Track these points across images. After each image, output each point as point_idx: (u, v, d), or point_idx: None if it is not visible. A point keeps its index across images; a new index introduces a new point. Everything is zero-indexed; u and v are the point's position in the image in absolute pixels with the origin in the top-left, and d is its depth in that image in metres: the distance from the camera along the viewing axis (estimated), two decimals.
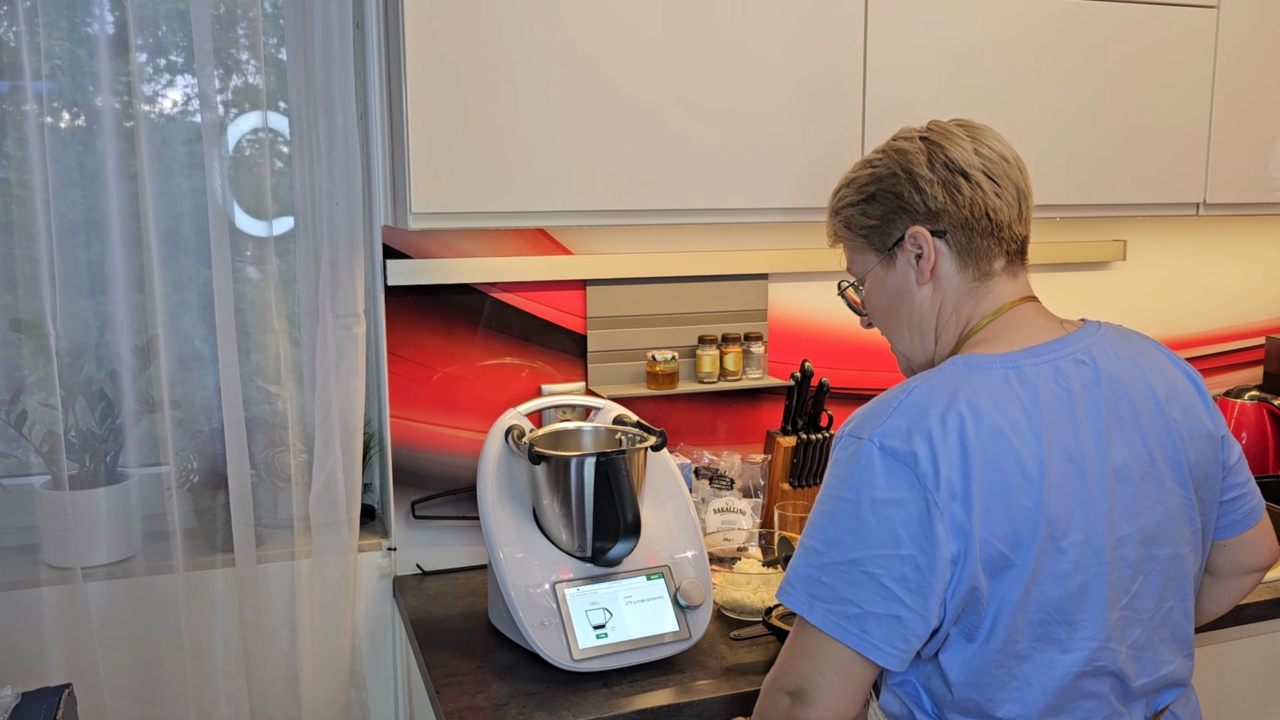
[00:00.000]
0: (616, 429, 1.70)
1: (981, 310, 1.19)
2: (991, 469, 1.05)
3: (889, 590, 1.05)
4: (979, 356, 1.13)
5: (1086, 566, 1.09)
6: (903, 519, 1.04)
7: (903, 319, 1.24)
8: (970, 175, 1.16)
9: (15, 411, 1.69)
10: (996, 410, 1.07)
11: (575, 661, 1.49)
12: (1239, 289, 2.52)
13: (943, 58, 1.80)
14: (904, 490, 1.04)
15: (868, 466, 1.06)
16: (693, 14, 1.64)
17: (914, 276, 1.20)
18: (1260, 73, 2.03)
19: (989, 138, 1.20)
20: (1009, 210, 1.17)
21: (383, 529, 1.94)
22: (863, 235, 1.24)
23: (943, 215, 1.17)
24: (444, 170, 1.54)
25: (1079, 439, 1.10)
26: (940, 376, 1.11)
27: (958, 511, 1.04)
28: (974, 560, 1.05)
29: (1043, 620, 1.09)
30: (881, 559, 1.05)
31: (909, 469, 1.04)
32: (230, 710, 1.81)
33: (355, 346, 1.78)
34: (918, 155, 1.18)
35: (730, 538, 1.90)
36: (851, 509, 1.07)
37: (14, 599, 1.67)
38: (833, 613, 1.07)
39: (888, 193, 1.20)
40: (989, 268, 1.18)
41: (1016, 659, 1.09)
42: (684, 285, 2.03)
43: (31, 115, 1.60)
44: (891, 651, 1.06)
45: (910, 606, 1.05)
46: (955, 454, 1.05)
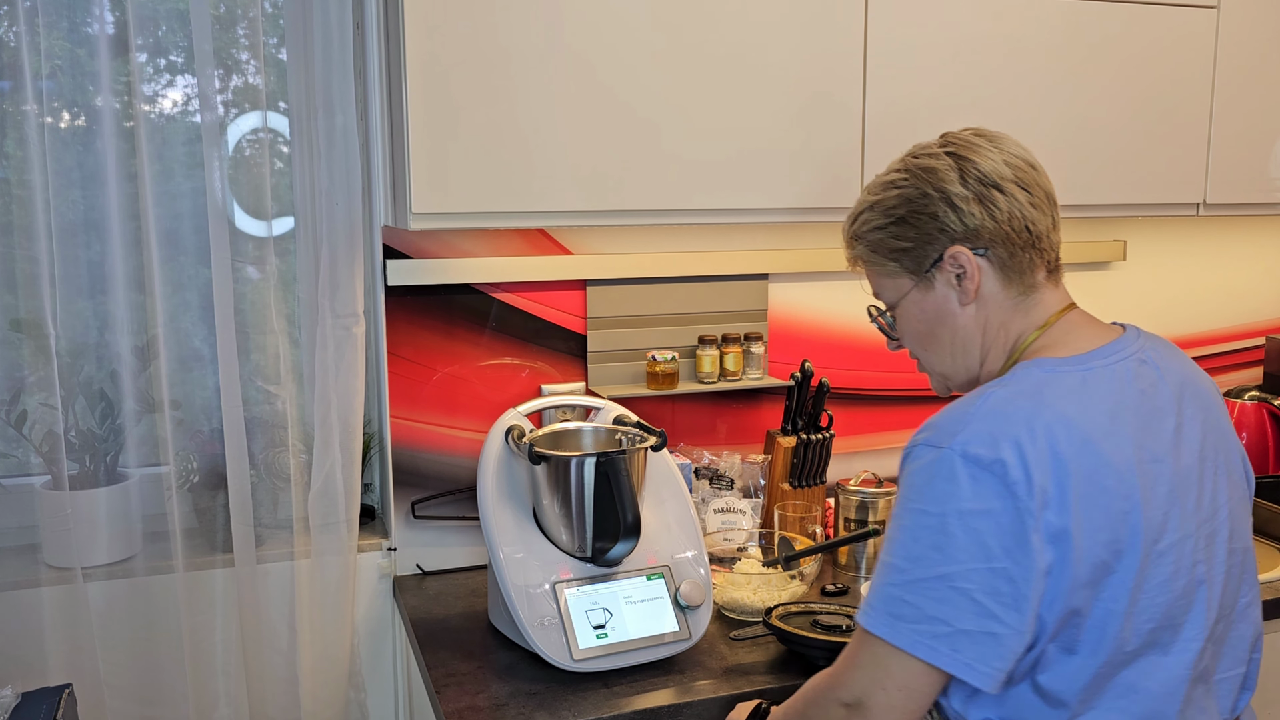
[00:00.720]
0: (616, 429, 1.70)
1: (1031, 323, 1.16)
2: (1085, 474, 1.02)
3: (982, 606, 1.00)
4: (1049, 360, 1.10)
5: (1185, 568, 1.07)
6: (993, 530, 1.00)
7: (944, 341, 1.19)
8: (1004, 187, 1.12)
9: (15, 411, 1.69)
10: (1081, 413, 1.05)
11: (575, 661, 1.49)
12: (1239, 289, 2.52)
13: (942, 58, 1.80)
14: (992, 500, 1.00)
15: (951, 477, 1.01)
16: (693, 14, 1.64)
17: (956, 297, 1.16)
18: (1260, 73, 2.03)
19: (1011, 145, 1.16)
20: (1044, 220, 1.15)
21: (383, 529, 1.94)
22: (894, 259, 1.18)
23: (982, 232, 1.13)
24: (444, 170, 1.54)
25: (1159, 438, 1.08)
26: (1018, 382, 1.07)
27: (1052, 520, 1.00)
28: (1071, 569, 1.01)
29: (1151, 627, 1.06)
30: (972, 573, 1.00)
31: (997, 478, 1.00)
32: (230, 710, 1.81)
33: (355, 346, 1.78)
34: (948, 172, 1.13)
35: (730, 538, 1.90)
36: (936, 522, 1.02)
37: (14, 599, 1.67)
38: (919, 632, 1.02)
39: (920, 214, 1.15)
40: (1032, 280, 1.16)
41: (1120, 667, 1.06)
42: (684, 285, 2.03)
43: (31, 115, 1.60)
44: (987, 671, 1.01)
45: (1005, 622, 1.00)
46: (1047, 460, 1.01)
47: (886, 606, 1.04)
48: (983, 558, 1.00)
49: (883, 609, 1.05)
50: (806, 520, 1.87)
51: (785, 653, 1.57)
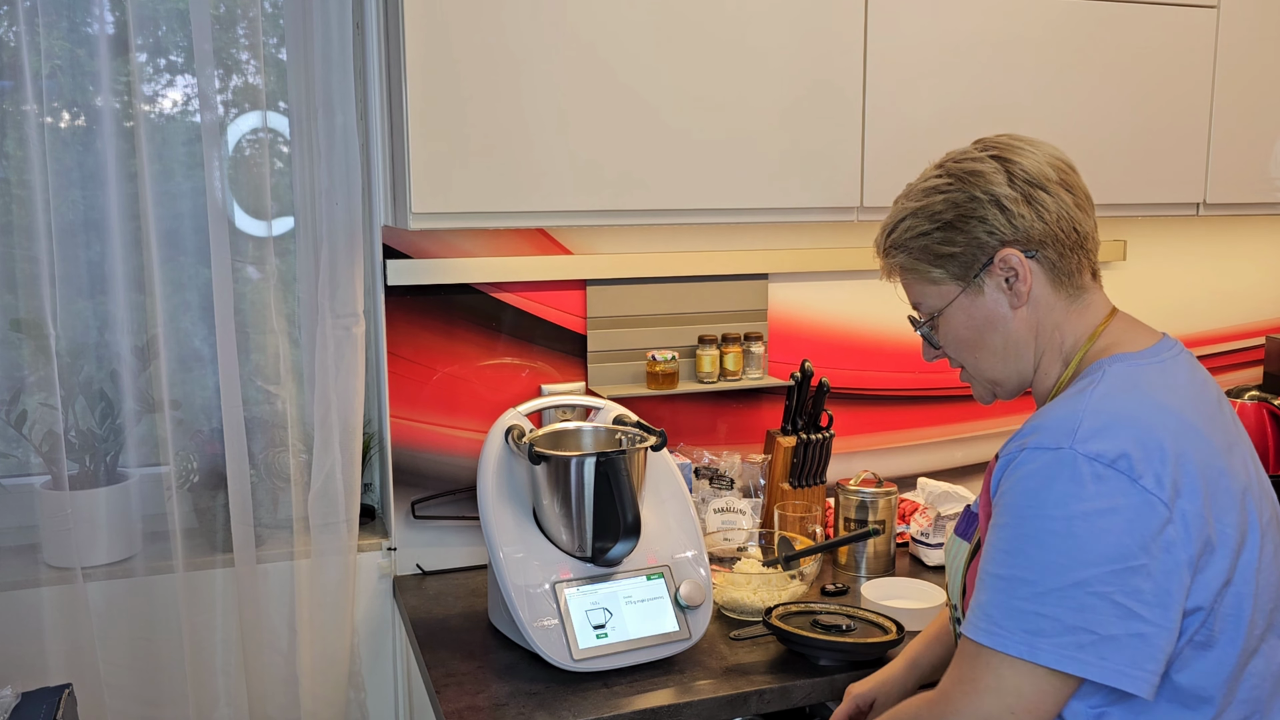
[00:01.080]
0: (616, 429, 1.70)
1: (1087, 324, 1.15)
2: (1202, 459, 1.01)
3: (1125, 608, 0.96)
4: (1127, 355, 1.09)
5: (1277, 546, 1.07)
6: (1125, 528, 0.96)
7: (994, 347, 1.16)
8: (1050, 188, 1.12)
9: (15, 411, 1.69)
10: (1178, 402, 1.05)
11: (575, 661, 1.49)
12: (1239, 289, 2.51)
13: (942, 57, 1.79)
14: (1119, 497, 0.97)
15: (1075, 478, 0.97)
16: (692, 15, 1.64)
17: (1008, 301, 1.14)
18: (1260, 73, 2.03)
19: (1048, 147, 1.15)
20: (1088, 221, 1.14)
21: (383, 529, 1.94)
22: (940, 265, 1.15)
23: (1032, 233, 1.11)
24: (444, 170, 1.54)
25: (1225, 426, 1.10)
26: (1111, 378, 1.06)
27: (1187, 508, 0.98)
28: (1216, 555, 0.99)
29: (1271, 607, 1.05)
30: (1110, 575, 0.96)
31: (1123, 474, 0.97)
32: (230, 710, 1.81)
33: (355, 346, 1.78)
34: (995, 174, 1.12)
35: (730, 538, 1.90)
36: (1063, 527, 0.97)
37: (14, 599, 1.67)
38: (1063, 645, 0.97)
39: (969, 218, 1.12)
40: (1081, 281, 1.15)
41: (1252, 655, 1.04)
42: (684, 285, 2.03)
43: (31, 115, 1.60)
44: (1140, 675, 0.97)
45: (1151, 621, 0.97)
46: (1167, 450, 0.99)
47: (1020, 623, 0.98)
48: (1118, 558, 0.96)
49: (1015, 626, 0.98)
50: (806, 520, 1.87)
51: (785, 653, 1.57)
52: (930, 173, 1.19)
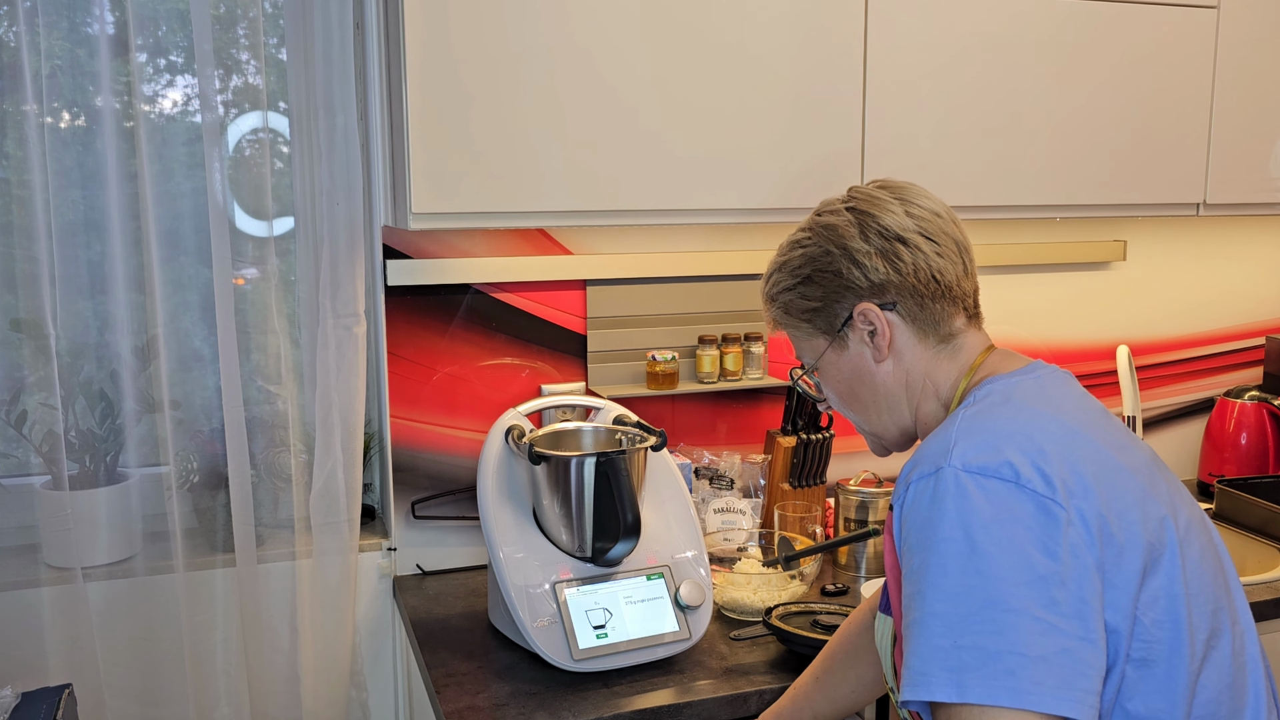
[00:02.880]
0: (616, 429, 1.70)
1: (959, 366, 1.12)
2: (1090, 459, 0.96)
3: (1044, 621, 0.86)
4: (997, 377, 1.07)
5: (1203, 546, 1.02)
6: (1023, 534, 0.89)
7: (867, 400, 1.15)
8: (908, 240, 1.09)
9: (15, 411, 1.69)
10: (1056, 409, 1.02)
11: (575, 661, 1.49)
12: (1239, 289, 2.52)
13: (942, 58, 1.80)
14: (1012, 504, 0.90)
15: (961, 494, 0.91)
16: (693, 17, 1.64)
17: (870, 354, 1.12)
18: (1260, 73, 2.03)
19: (916, 196, 1.14)
20: (954, 268, 1.11)
21: (383, 529, 1.94)
22: (806, 320, 1.16)
23: (888, 287, 1.10)
24: (444, 170, 1.54)
25: (1118, 431, 1.06)
26: (983, 398, 1.04)
27: (1083, 507, 0.92)
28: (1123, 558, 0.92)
29: (1213, 609, 0.98)
30: (1021, 587, 0.87)
31: (1009, 482, 0.91)
32: (230, 710, 1.81)
33: (355, 346, 1.78)
34: (849, 228, 1.11)
35: (730, 538, 1.90)
36: (963, 546, 0.89)
37: (14, 599, 1.67)
38: (992, 675, 0.86)
39: (824, 271, 1.12)
40: (949, 328, 1.11)
41: (1200, 665, 0.96)
42: (684, 285, 2.03)
43: (31, 115, 1.60)
44: (1075, 695, 0.85)
45: (1072, 633, 0.87)
46: (1050, 454, 0.94)
47: (941, 662, 0.88)
48: (1026, 566, 0.88)
49: (937, 667, 0.88)
50: (806, 520, 1.87)
51: (785, 653, 1.57)
52: (801, 225, 1.19)
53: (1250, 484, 2.20)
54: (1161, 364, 2.45)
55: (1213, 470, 2.38)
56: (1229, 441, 2.37)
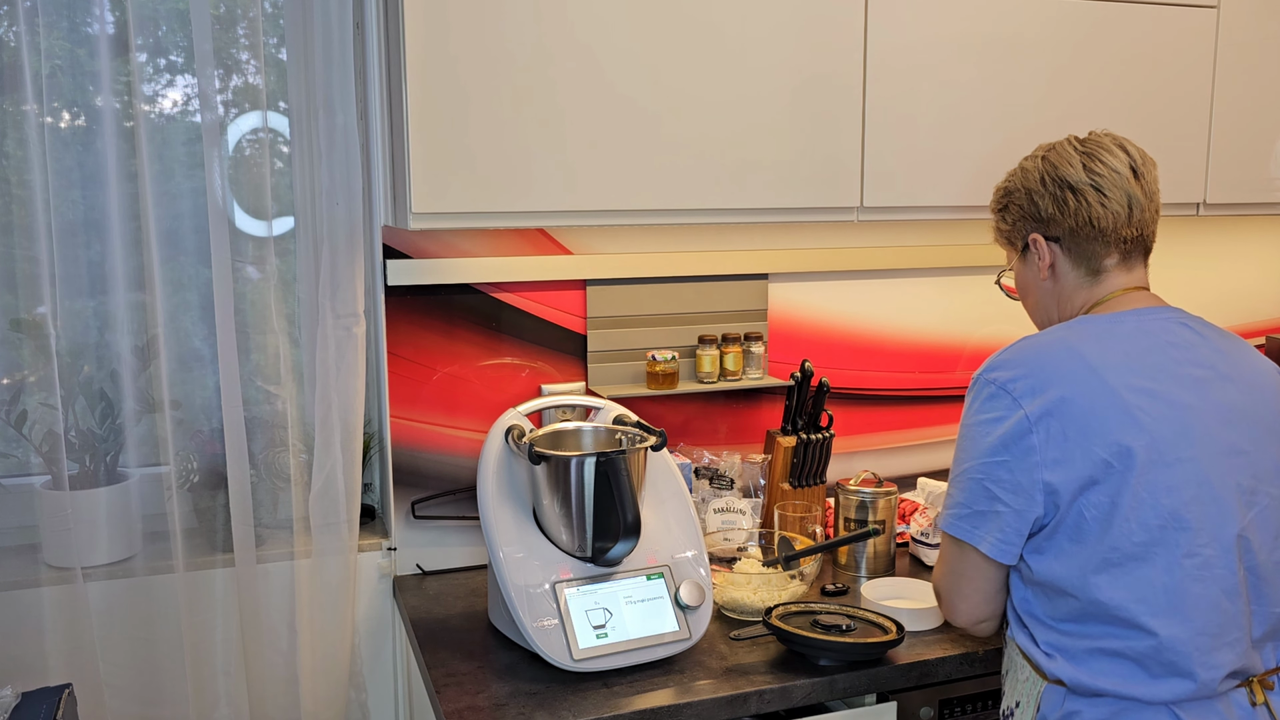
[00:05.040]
0: (616, 429, 1.70)
1: (1094, 296, 1.40)
2: (1088, 393, 1.25)
3: (989, 491, 1.28)
4: (1089, 316, 1.38)
5: (1195, 481, 1.25)
6: (998, 433, 1.27)
7: (1033, 304, 1.49)
8: (1078, 190, 1.37)
9: (15, 411, 1.69)
10: (1095, 349, 1.29)
11: (575, 661, 1.49)
12: (1239, 289, 2.51)
13: (943, 57, 1.80)
14: (1000, 410, 1.28)
15: (977, 396, 1.32)
16: (693, 19, 1.64)
17: (1037, 272, 1.44)
18: (1260, 73, 2.03)
19: (1105, 152, 1.38)
20: (1114, 218, 1.37)
21: (383, 529, 1.94)
22: (1005, 237, 1.49)
23: (1053, 223, 1.40)
24: (444, 170, 1.54)
25: (1177, 379, 1.28)
26: (1053, 329, 1.36)
27: (1052, 426, 1.25)
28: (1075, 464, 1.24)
29: (1159, 525, 1.23)
30: (981, 466, 1.28)
31: (1008, 393, 1.28)
32: (230, 710, 1.81)
33: (355, 346, 1.78)
34: (1034, 174, 1.42)
35: (730, 538, 1.90)
36: (965, 431, 1.32)
37: (14, 599, 1.67)
38: (953, 516, 1.32)
39: (1015, 205, 1.45)
40: (1099, 265, 1.39)
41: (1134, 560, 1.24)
42: (684, 285, 2.03)
43: (31, 115, 1.60)
44: (995, 541, 1.28)
45: (1006, 503, 1.27)
46: (1054, 381, 1.26)
47: (944, 506, 1.35)
48: (990, 453, 1.28)
49: (943, 508, 1.35)
50: (806, 520, 1.87)
51: (785, 653, 1.57)
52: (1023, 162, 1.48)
53: None
54: None
55: None
56: None
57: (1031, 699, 1.32)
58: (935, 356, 2.23)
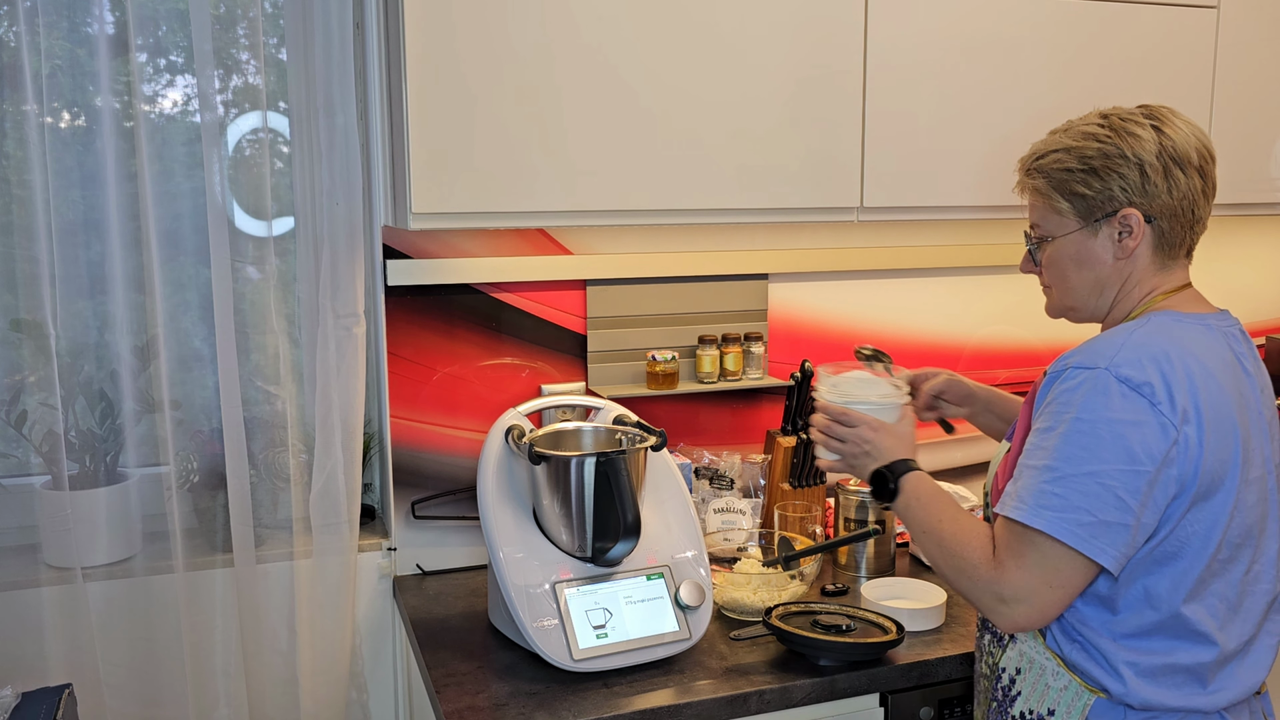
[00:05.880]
0: (616, 429, 1.70)
1: (1163, 284, 1.29)
2: (1212, 401, 1.18)
3: (1123, 501, 1.15)
4: (1177, 312, 1.26)
5: (1263, 498, 1.25)
6: (1139, 438, 1.14)
7: (1085, 282, 1.31)
8: (1187, 170, 1.25)
9: (15, 411, 1.69)
10: (1205, 353, 1.21)
11: (575, 661, 1.49)
12: (1239, 289, 2.51)
13: (942, 58, 1.80)
14: (1140, 414, 1.15)
15: (1104, 392, 1.16)
16: (693, 19, 1.64)
17: (1113, 250, 1.28)
18: (1260, 73, 2.03)
19: (1201, 132, 1.27)
20: (1206, 208, 1.28)
21: (383, 529, 1.94)
22: (1069, 200, 1.29)
23: (1156, 202, 1.25)
24: (444, 170, 1.54)
25: (1250, 389, 1.26)
26: (1154, 325, 1.23)
27: (1191, 434, 1.16)
28: (1199, 478, 1.17)
29: (1238, 543, 1.22)
30: (1118, 473, 1.14)
31: (1145, 397, 1.15)
32: (229, 711, 1.81)
33: (355, 346, 1.78)
34: (1149, 142, 1.24)
35: (730, 538, 1.90)
36: (1089, 428, 1.16)
37: (14, 599, 1.67)
38: (1065, 519, 1.15)
39: (1113, 171, 1.25)
40: (1176, 253, 1.29)
41: (1214, 576, 1.22)
42: (684, 285, 2.03)
43: (31, 115, 1.60)
44: (1115, 554, 1.16)
45: (1138, 516, 1.15)
46: (1185, 386, 1.16)
47: (1039, 500, 1.17)
48: (1128, 460, 1.14)
49: (1035, 502, 1.17)
50: (806, 520, 1.87)
51: (785, 653, 1.57)
52: (1092, 119, 1.30)
53: None
54: None
55: None
56: None
57: (1075, 710, 1.25)
58: (936, 357, 2.23)
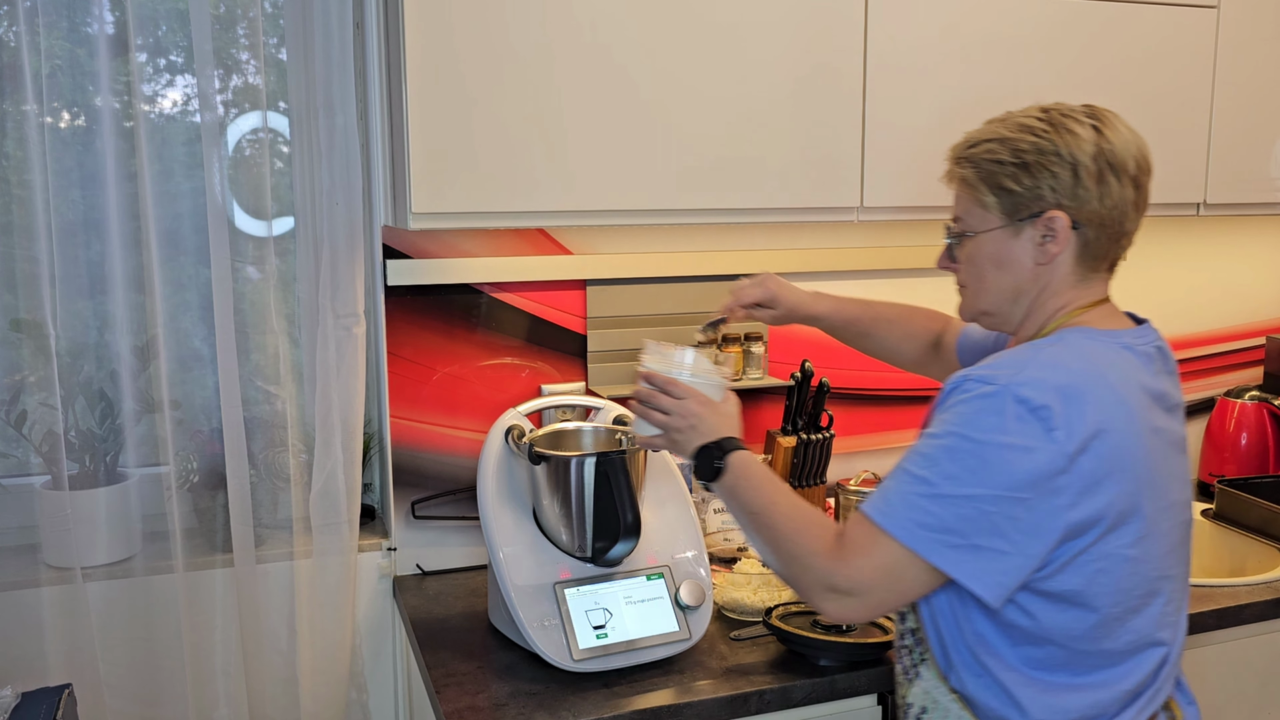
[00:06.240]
0: (616, 429, 1.70)
1: (1079, 299, 1.22)
2: (1120, 429, 1.11)
3: (998, 527, 1.08)
4: (1093, 330, 1.19)
5: (1175, 526, 1.19)
6: (1026, 465, 1.07)
7: (1002, 285, 1.23)
8: (1122, 177, 1.17)
9: (15, 411, 1.69)
10: (1119, 378, 1.14)
11: (575, 661, 1.49)
12: (1239, 289, 2.51)
13: (942, 58, 1.79)
14: (1032, 439, 1.07)
15: (999, 411, 1.08)
16: (693, 19, 1.64)
17: (1033, 254, 1.20)
18: (1260, 73, 2.03)
19: (1142, 141, 1.21)
20: (1136, 219, 1.21)
21: (383, 529, 1.94)
22: (995, 195, 1.21)
23: (1086, 208, 1.17)
24: (444, 170, 1.54)
25: (1165, 413, 1.19)
26: (1068, 344, 1.16)
27: (1086, 466, 1.08)
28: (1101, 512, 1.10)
29: (1157, 575, 1.17)
30: (998, 499, 1.08)
31: (1041, 421, 1.07)
32: (229, 711, 1.81)
33: (355, 346, 1.78)
34: (1087, 143, 1.16)
35: (730, 538, 1.90)
36: (976, 448, 1.09)
37: (14, 599, 1.67)
38: (936, 541, 1.09)
39: (1045, 168, 1.17)
40: (1098, 267, 1.22)
41: (1130, 613, 1.16)
42: (684, 285, 2.03)
43: (31, 115, 1.60)
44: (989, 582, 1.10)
45: (1016, 544, 1.09)
46: (1090, 413, 1.09)
47: (911, 514, 1.11)
48: (1009, 487, 1.07)
49: (906, 515, 1.11)
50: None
51: (785, 653, 1.57)
52: (1033, 111, 1.23)
53: (1250, 484, 2.20)
54: None
55: (1213, 470, 2.38)
56: (1229, 441, 2.36)
57: None
58: None
